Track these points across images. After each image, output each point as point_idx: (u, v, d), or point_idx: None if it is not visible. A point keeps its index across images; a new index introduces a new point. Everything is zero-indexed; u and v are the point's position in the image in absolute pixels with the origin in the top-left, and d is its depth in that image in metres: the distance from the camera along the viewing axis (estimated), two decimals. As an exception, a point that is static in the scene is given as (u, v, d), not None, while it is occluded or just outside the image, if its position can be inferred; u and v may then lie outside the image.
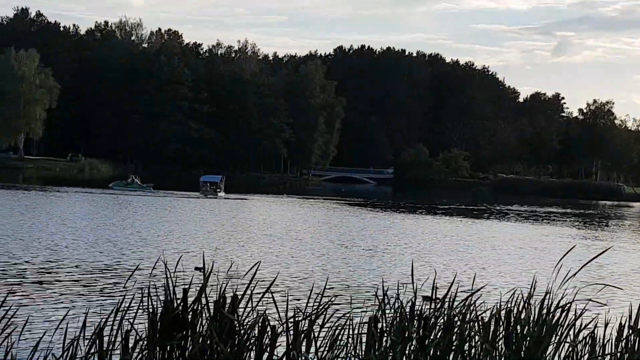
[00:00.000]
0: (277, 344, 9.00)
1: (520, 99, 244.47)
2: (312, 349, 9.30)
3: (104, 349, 8.51)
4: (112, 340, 8.63)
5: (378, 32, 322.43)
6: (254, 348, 8.90)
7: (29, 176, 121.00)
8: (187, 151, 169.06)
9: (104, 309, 9.46)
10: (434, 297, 10.28)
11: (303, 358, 9.08)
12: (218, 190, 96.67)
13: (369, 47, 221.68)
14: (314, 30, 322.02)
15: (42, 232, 42.26)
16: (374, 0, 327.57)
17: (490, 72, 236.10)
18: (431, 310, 9.97)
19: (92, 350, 8.49)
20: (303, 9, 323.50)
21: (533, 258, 44.93)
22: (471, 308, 10.20)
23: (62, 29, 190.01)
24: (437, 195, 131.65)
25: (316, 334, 9.40)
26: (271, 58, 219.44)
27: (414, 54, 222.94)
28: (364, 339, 9.82)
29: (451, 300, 10.16)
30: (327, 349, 9.37)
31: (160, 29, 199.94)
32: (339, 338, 9.49)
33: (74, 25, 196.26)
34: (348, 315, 9.86)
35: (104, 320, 8.67)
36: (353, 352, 9.66)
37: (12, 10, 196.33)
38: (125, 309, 8.77)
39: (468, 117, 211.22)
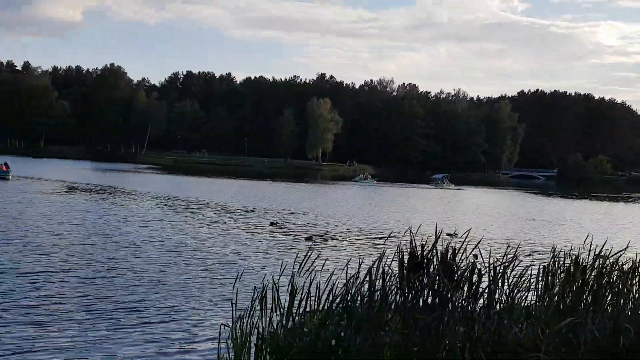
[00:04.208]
0: (482, 281, 8.66)
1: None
2: (505, 286, 8.91)
3: (371, 280, 8.52)
4: (376, 276, 8.61)
5: (548, 79, 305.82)
6: (466, 283, 8.61)
7: (324, 175, 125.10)
8: (420, 160, 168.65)
9: (371, 258, 9.43)
10: (591, 253, 9.58)
11: (499, 292, 8.70)
12: (443, 183, 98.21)
13: (541, 90, 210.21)
14: (503, 79, 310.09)
15: (328, 209, 43.26)
16: (546, 58, 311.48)
17: (627, 105, 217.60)
18: (588, 261, 9.31)
19: (365, 280, 8.55)
20: (496, 67, 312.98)
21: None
22: (618, 262, 9.48)
23: (344, 85, 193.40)
24: (589, 188, 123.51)
25: (508, 275, 9.00)
26: (475, 99, 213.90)
27: (572, 94, 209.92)
28: (541, 280, 9.31)
29: (603, 256, 9.48)
30: (514, 286, 8.95)
31: (404, 83, 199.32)
32: (524, 279, 9.05)
33: (351, 82, 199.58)
34: (530, 263, 9.37)
35: (371, 264, 8.69)
36: (534, 289, 9.18)
37: (315, 74, 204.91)
38: (384, 257, 8.74)
39: (612, 134, 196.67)
